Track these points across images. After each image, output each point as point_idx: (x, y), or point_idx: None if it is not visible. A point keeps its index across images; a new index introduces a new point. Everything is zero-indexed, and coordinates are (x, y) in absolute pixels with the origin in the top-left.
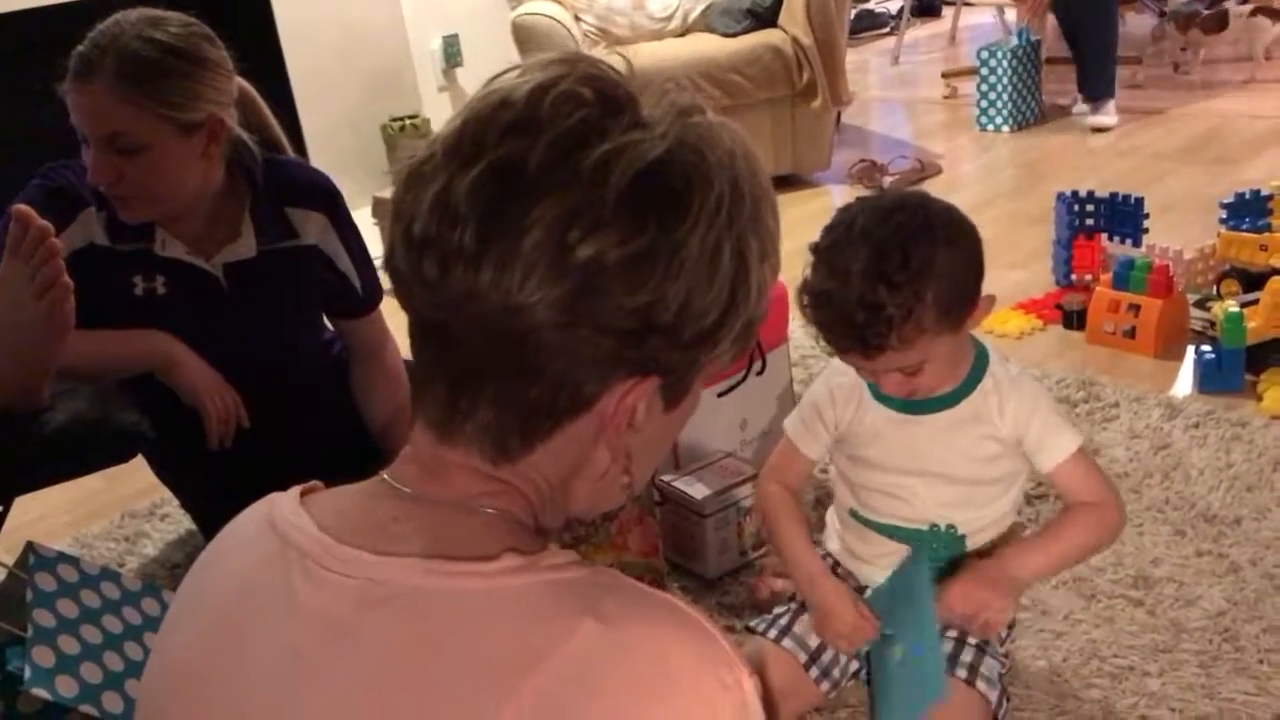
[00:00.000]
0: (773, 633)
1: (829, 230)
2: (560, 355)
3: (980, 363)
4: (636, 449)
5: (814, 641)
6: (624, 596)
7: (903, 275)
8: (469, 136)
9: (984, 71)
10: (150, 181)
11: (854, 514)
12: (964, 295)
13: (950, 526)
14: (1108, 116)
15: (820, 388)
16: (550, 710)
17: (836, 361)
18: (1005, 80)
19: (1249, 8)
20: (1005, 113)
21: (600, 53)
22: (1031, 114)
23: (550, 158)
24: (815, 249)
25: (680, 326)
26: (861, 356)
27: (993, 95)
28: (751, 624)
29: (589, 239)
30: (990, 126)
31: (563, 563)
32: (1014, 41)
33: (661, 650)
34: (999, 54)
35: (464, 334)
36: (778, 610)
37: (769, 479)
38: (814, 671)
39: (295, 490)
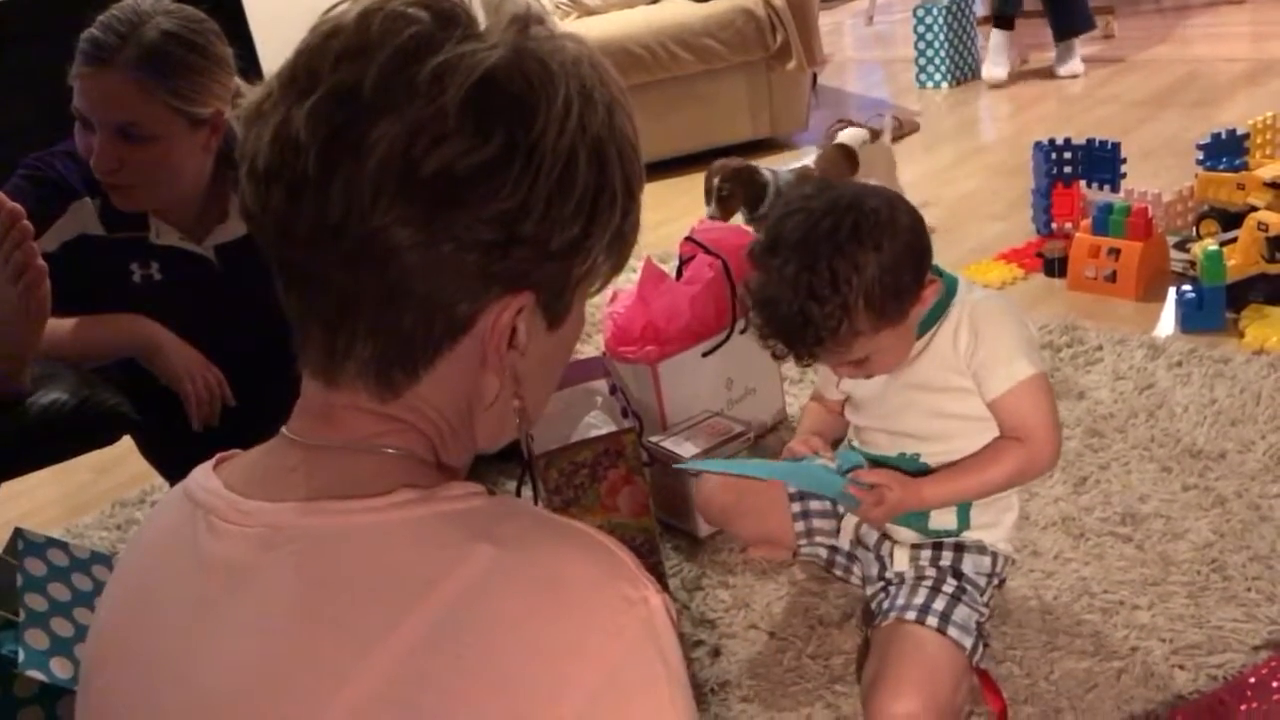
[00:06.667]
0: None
1: (767, 232)
2: (426, 276)
3: (946, 297)
4: (524, 372)
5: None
6: (524, 521)
7: (828, 289)
8: (303, 68)
9: (920, 29)
10: (152, 171)
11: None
12: (901, 292)
13: (915, 454)
14: (1075, 64)
15: None
16: (441, 632)
17: None
18: (941, 37)
19: None
20: (943, 69)
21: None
22: (969, 70)
23: (384, 77)
24: (753, 254)
25: (545, 236)
26: (796, 359)
27: (930, 53)
28: None
29: (434, 152)
30: (930, 84)
31: (461, 494)
32: None
33: (557, 567)
34: (934, 11)
35: (326, 270)
36: None
37: (812, 397)
38: (795, 507)
39: (212, 459)
